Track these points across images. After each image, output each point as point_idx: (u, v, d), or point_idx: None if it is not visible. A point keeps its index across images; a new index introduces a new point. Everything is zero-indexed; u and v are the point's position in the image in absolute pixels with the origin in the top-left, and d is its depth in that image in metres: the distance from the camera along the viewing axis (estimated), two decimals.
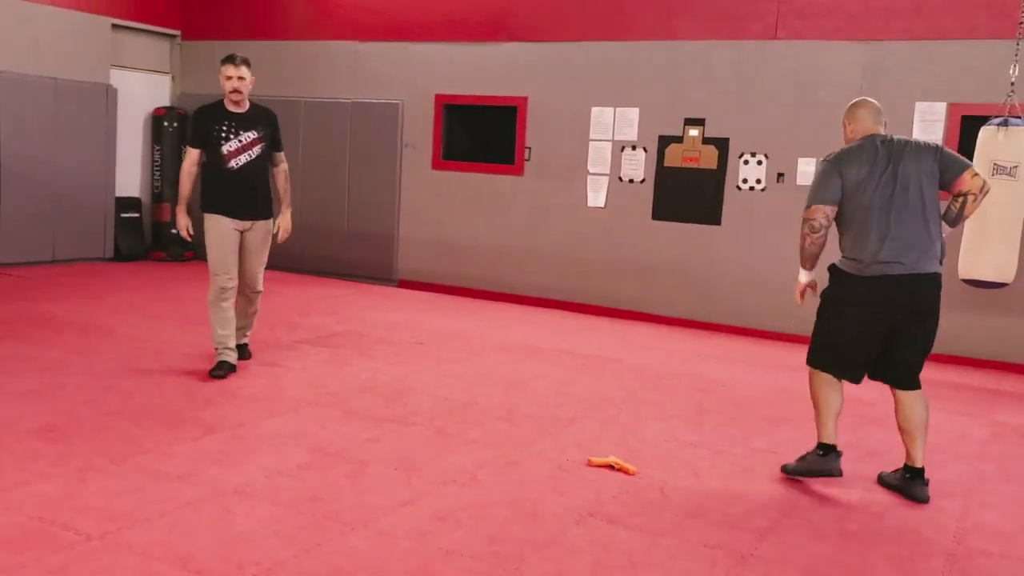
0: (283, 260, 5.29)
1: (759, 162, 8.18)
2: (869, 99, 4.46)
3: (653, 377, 6.36)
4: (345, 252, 10.33)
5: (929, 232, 4.10)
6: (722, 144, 8.34)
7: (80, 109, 10.12)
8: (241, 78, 5.53)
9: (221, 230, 5.57)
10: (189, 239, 5.72)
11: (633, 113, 8.72)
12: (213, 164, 5.60)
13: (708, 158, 8.39)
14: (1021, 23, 6.52)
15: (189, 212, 5.72)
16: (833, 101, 7.84)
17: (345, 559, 3.20)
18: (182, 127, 10.90)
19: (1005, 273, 6.39)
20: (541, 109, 9.16)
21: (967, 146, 7.41)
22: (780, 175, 8.04)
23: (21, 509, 3.44)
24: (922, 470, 4.25)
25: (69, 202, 10.07)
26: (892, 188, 4.08)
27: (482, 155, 9.69)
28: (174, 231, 10.97)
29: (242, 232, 5.65)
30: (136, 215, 10.93)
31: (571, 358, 6.82)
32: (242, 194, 5.61)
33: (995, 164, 6.33)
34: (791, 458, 4.56)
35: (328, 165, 10.30)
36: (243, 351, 6.00)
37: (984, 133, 6.46)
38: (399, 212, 10.01)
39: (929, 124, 7.52)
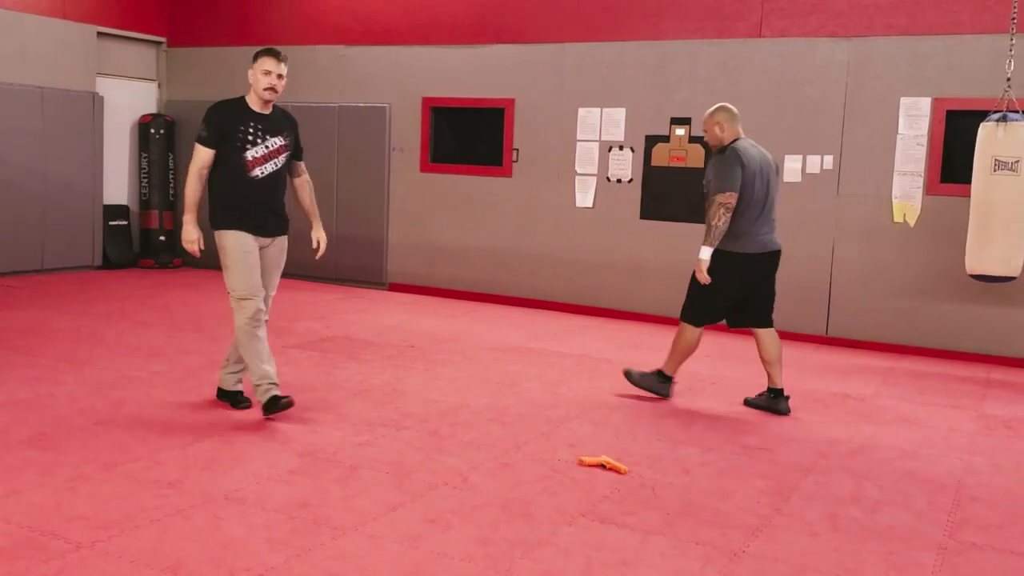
0: None
1: None
2: (729, 104, 5.40)
3: None
4: (335, 256, 10.29)
5: (774, 220, 5.42)
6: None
7: (67, 117, 10.09)
8: (280, 76, 4.76)
9: (244, 245, 4.79)
10: (199, 255, 4.94)
11: (620, 113, 8.73)
12: (231, 172, 4.79)
13: (695, 157, 8.40)
14: (1014, 19, 6.54)
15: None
16: (818, 98, 7.89)
17: (336, 563, 3.20)
18: (168, 134, 10.90)
19: (1012, 267, 6.44)
20: (528, 111, 9.17)
21: (952, 140, 7.46)
22: None
23: (11, 518, 3.43)
24: (782, 390, 5.50)
25: (57, 210, 10.04)
26: (760, 183, 5.23)
27: (470, 157, 9.69)
28: (163, 238, 10.94)
29: (260, 249, 4.92)
30: (124, 223, 10.91)
31: (562, 359, 6.82)
32: (265, 208, 4.86)
33: (996, 160, 6.36)
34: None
35: (316, 170, 10.12)
36: (237, 398, 5.12)
37: (983, 129, 6.47)
38: (388, 215, 10.01)
39: (914, 119, 7.55)
